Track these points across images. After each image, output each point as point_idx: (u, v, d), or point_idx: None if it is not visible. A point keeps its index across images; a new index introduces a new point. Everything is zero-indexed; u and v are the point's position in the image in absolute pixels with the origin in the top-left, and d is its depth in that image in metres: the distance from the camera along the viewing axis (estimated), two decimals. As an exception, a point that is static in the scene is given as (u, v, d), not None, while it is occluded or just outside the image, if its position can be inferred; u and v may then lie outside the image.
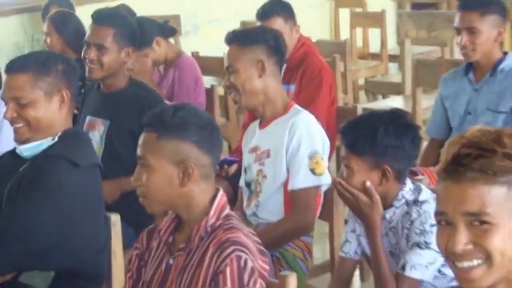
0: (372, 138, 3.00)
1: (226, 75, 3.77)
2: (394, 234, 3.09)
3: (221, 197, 2.52)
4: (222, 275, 2.34)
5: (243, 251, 2.36)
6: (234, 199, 3.96)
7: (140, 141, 2.52)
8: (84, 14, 5.77)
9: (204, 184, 2.50)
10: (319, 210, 3.83)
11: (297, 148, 3.63)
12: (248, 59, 3.70)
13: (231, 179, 4.23)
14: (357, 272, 3.98)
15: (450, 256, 1.88)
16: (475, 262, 1.88)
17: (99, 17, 4.43)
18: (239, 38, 3.78)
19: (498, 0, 4.55)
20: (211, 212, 2.47)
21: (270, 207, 3.74)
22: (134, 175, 2.52)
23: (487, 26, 4.31)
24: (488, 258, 1.88)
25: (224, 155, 4.68)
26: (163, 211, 2.64)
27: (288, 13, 5.06)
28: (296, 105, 3.81)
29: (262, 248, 2.53)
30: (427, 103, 5.40)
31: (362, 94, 8.08)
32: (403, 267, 2.95)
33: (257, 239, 2.54)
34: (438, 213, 1.94)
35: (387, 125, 3.04)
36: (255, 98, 3.74)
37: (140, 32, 4.60)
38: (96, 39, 4.32)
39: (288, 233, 3.64)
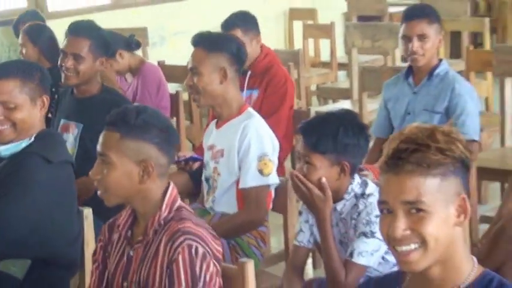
0: (333, 137, 3.04)
1: (190, 75, 3.80)
2: (343, 224, 3.14)
3: (172, 190, 2.54)
4: (175, 263, 2.37)
5: (193, 240, 2.39)
6: (193, 192, 4.06)
7: (102, 139, 2.52)
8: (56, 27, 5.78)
9: (159, 182, 2.52)
10: (272, 203, 3.85)
11: (247, 150, 3.67)
12: (212, 65, 3.72)
13: (193, 173, 4.26)
14: (309, 261, 3.99)
15: (391, 241, 1.95)
16: (412, 246, 1.96)
17: (76, 29, 4.44)
18: (205, 43, 3.79)
19: (436, 11, 4.65)
20: (164, 206, 2.49)
21: (224, 202, 3.79)
22: (94, 169, 2.52)
23: (433, 33, 4.45)
24: (423, 243, 1.96)
25: (189, 153, 4.69)
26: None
27: (247, 25, 5.06)
28: (249, 109, 3.87)
29: (214, 233, 2.55)
30: (372, 106, 5.47)
31: (314, 99, 8.14)
32: (351, 254, 3.00)
33: (208, 226, 2.57)
34: (380, 203, 2.02)
35: (346, 125, 3.10)
36: (213, 99, 3.79)
37: None
38: (73, 49, 4.32)
39: (241, 227, 3.69)
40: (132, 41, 5.64)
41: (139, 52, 5.96)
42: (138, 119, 2.49)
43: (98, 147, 2.52)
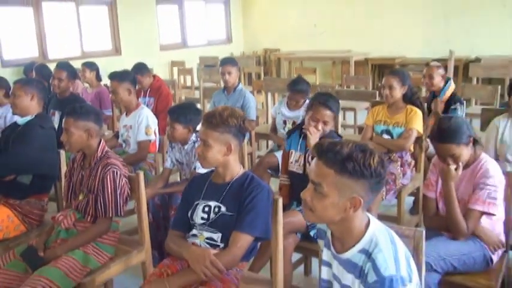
0: (184, 114, 3.05)
1: (112, 92, 3.80)
2: (188, 156, 3.13)
3: (102, 143, 2.54)
4: (106, 179, 2.40)
5: (114, 168, 2.42)
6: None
7: (64, 122, 2.51)
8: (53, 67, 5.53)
9: (97, 139, 2.51)
10: (157, 149, 3.84)
11: (140, 124, 3.68)
12: (122, 88, 3.74)
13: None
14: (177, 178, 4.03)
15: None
16: (202, 161, 2.08)
17: (60, 65, 4.45)
18: (116, 77, 3.79)
19: (235, 60, 4.72)
20: (99, 151, 2.49)
21: (132, 149, 3.74)
22: (62, 137, 2.51)
23: (234, 71, 4.54)
24: (205, 159, 2.05)
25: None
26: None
27: (141, 71, 4.94)
28: (142, 105, 3.87)
29: (124, 163, 2.57)
30: (208, 106, 5.50)
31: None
32: None
33: (121, 159, 2.58)
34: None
35: (191, 108, 3.12)
36: (124, 103, 3.80)
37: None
38: (58, 75, 4.33)
39: (135, 159, 3.65)
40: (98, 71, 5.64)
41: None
42: (82, 109, 2.50)
43: (64, 125, 2.51)
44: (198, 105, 6.02)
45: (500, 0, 8.21)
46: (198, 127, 3.40)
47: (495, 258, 2.28)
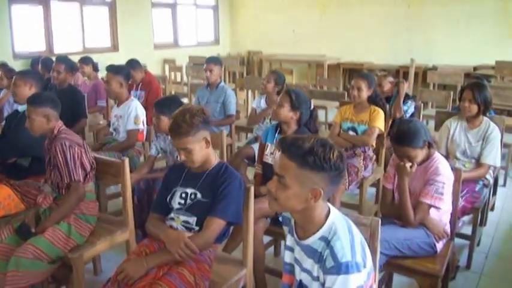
0: (169, 107, 2.88)
1: (106, 83, 3.67)
2: (170, 146, 3.04)
3: (58, 123, 2.46)
4: (56, 151, 2.35)
5: (64, 140, 2.36)
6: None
7: (27, 110, 2.43)
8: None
9: (55, 122, 2.44)
10: (145, 138, 3.73)
11: (130, 114, 3.55)
12: (115, 80, 3.59)
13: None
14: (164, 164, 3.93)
15: None
16: (183, 156, 1.94)
17: (59, 59, 4.31)
18: (112, 70, 3.65)
19: (219, 59, 4.55)
20: (55, 129, 2.43)
21: (121, 137, 3.63)
22: (26, 123, 2.44)
23: (216, 69, 4.36)
24: (193, 162, 1.92)
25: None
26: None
27: (135, 67, 4.76)
28: (132, 97, 3.72)
29: (79, 137, 2.48)
30: (193, 100, 5.40)
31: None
32: None
33: (75, 134, 2.50)
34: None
35: (175, 102, 2.94)
36: (115, 95, 3.65)
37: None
38: (57, 68, 4.19)
39: (125, 146, 3.54)
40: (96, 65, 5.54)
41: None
42: (39, 98, 2.45)
43: (26, 113, 2.43)
44: (186, 99, 6.07)
45: (455, 18, 8.27)
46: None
47: (439, 245, 2.28)
